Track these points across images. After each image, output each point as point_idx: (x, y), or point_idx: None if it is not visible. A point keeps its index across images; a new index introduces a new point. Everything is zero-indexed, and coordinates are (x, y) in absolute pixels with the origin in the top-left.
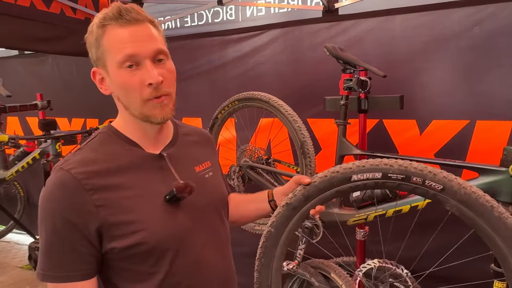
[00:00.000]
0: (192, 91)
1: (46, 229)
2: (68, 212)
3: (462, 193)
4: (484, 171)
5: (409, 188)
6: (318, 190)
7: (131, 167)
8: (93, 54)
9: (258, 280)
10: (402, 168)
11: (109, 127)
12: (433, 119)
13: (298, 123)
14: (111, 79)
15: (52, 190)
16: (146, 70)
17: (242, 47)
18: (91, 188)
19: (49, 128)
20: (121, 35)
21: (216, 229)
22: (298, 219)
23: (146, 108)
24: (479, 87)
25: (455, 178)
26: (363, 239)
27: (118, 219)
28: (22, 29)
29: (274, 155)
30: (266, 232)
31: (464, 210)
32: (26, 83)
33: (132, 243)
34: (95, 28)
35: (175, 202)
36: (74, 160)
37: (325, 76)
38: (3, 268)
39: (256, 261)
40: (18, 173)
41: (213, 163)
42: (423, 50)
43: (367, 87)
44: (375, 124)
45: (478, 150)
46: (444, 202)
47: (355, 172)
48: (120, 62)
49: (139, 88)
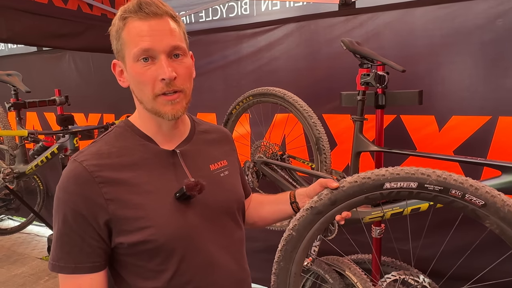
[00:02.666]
0: (207, 86)
1: (59, 219)
2: (78, 203)
3: (506, 210)
4: (507, 169)
5: (446, 201)
6: (347, 196)
7: (144, 163)
8: (114, 46)
9: (276, 284)
10: (440, 179)
11: (126, 122)
12: (452, 114)
13: (314, 119)
14: (127, 71)
15: (65, 181)
16: (160, 65)
17: (257, 42)
18: (101, 181)
19: (67, 123)
20: (139, 28)
21: (229, 230)
22: (322, 224)
23: (157, 104)
24: (502, 82)
25: (498, 194)
26: (379, 236)
27: (127, 214)
28: (40, 26)
29: (288, 151)
30: (287, 235)
31: (506, 228)
32: (44, 79)
33: (139, 240)
34: (117, 20)
35: (185, 200)
36: (88, 152)
37: (341, 71)
38: (23, 259)
39: (274, 264)
40: (38, 167)
41: (230, 162)
42: (443, 44)
43: (385, 82)
44: (392, 119)
45: (500, 147)
46: (483, 218)
47: (389, 179)
48: (136, 55)
49: (151, 82)
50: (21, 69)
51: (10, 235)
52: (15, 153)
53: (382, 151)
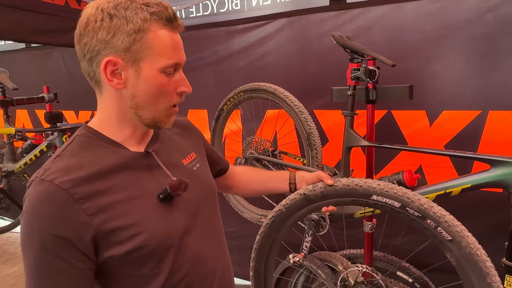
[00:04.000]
0: (198, 82)
1: (35, 249)
2: (58, 226)
3: (467, 251)
4: (496, 162)
5: (421, 227)
6: (337, 194)
7: (119, 169)
8: (120, 41)
9: (259, 242)
10: (421, 208)
11: (87, 129)
12: (443, 109)
13: (305, 115)
14: (142, 78)
15: (36, 205)
16: (182, 78)
17: (248, 38)
18: (80, 196)
19: (55, 121)
20: (173, 40)
21: (211, 221)
22: (309, 210)
23: (164, 114)
24: (492, 76)
25: (467, 235)
26: (370, 231)
27: (114, 225)
28: (28, 22)
29: (280, 146)
30: (277, 209)
31: (462, 264)
32: (33, 76)
33: (132, 248)
34: (139, 19)
35: (169, 200)
36: (56, 169)
37: (332, 66)
38: (15, 258)
39: (262, 227)
40: (27, 165)
41: (199, 153)
42: (434, 38)
43: (376, 77)
44: (383, 115)
45: (490, 141)
46: (446, 250)
47: (377, 193)
48: (166, 66)
49: (170, 94)
50: (9, 66)
51: (1, 235)
52: (3, 151)
53: (373, 146)
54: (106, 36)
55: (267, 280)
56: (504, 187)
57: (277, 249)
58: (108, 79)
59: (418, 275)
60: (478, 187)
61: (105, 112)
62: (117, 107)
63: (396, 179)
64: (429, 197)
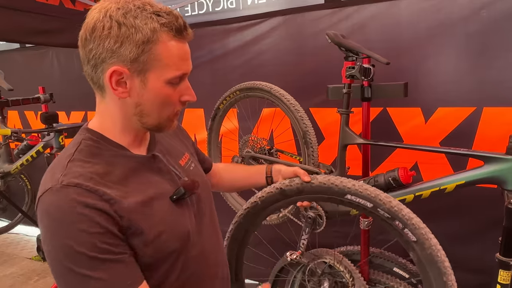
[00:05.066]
0: (194, 81)
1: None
2: (98, 220)
3: (429, 252)
4: (489, 159)
5: (390, 227)
6: (313, 191)
7: (132, 172)
8: (127, 51)
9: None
10: (391, 210)
11: (91, 133)
12: (438, 106)
13: (300, 113)
14: (147, 89)
15: (67, 211)
16: (187, 87)
17: (244, 36)
18: (106, 198)
19: (51, 121)
20: (182, 51)
21: (211, 217)
22: (285, 204)
23: (168, 121)
24: (486, 73)
25: (431, 237)
26: (367, 228)
27: (140, 226)
28: (22, 22)
29: (277, 145)
30: (253, 201)
31: (423, 263)
32: (27, 76)
33: (156, 248)
34: (148, 29)
35: (181, 200)
36: (77, 174)
37: (328, 65)
38: (12, 259)
39: (236, 217)
40: (23, 166)
41: (190, 153)
42: (429, 36)
43: (370, 75)
44: (379, 112)
45: (485, 138)
46: (410, 249)
47: (351, 193)
48: (173, 78)
49: (175, 103)
50: (3, 66)
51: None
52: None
53: (368, 144)
54: (114, 45)
55: (238, 270)
56: (498, 183)
57: (250, 239)
58: (113, 88)
59: (414, 271)
60: (472, 183)
61: (109, 117)
62: (121, 113)
63: (391, 176)
64: (424, 194)
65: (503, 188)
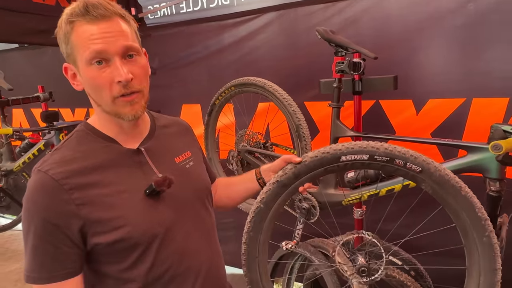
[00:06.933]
0: (190, 77)
1: (29, 231)
2: (49, 214)
3: (437, 175)
4: (471, 149)
5: (392, 170)
6: (308, 169)
7: (110, 164)
8: (63, 49)
9: (246, 252)
10: (387, 151)
11: (85, 125)
12: (429, 98)
13: (293, 107)
14: (81, 75)
15: (32, 193)
16: (115, 67)
17: (238, 32)
18: (70, 187)
19: (51, 120)
20: (89, 32)
21: (200, 216)
22: (287, 195)
23: (116, 106)
24: (474, 64)
25: (432, 161)
26: (360, 218)
27: (100, 216)
28: (19, 23)
29: (273, 138)
30: (255, 207)
31: (437, 189)
32: (27, 75)
33: (116, 239)
34: (63, 23)
35: (155, 195)
36: (52, 161)
37: (321, 59)
38: (16, 256)
39: (245, 234)
40: (25, 164)
41: (194, 153)
42: (418, 29)
43: (361, 69)
44: (372, 105)
45: (474, 128)
46: (420, 182)
47: (344, 153)
48: (88, 59)
49: (108, 85)
50: (2, 66)
51: (3, 233)
52: (1, 151)
53: (358, 136)
54: (60, 47)
55: (265, 287)
56: (480, 171)
57: (267, 251)
58: (72, 83)
59: (407, 258)
60: (456, 172)
61: (94, 110)
62: (93, 104)
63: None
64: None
65: (485, 176)
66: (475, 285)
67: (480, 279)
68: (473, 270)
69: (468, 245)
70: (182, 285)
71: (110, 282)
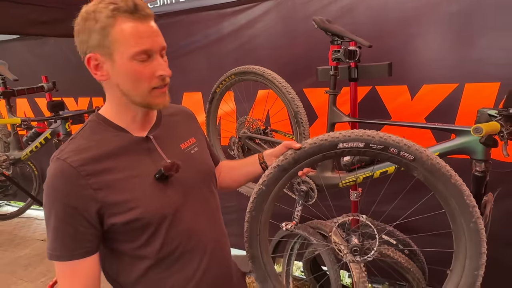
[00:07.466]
0: (191, 66)
1: (51, 215)
2: (69, 198)
3: (429, 163)
4: (459, 132)
5: (386, 157)
6: (307, 155)
7: (122, 151)
8: (94, 40)
9: (248, 229)
10: (382, 139)
11: (98, 116)
12: (423, 83)
13: (292, 94)
14: (117, 68)
15: (53, 179)
16: (159, 63)
17: (237, 21)
18: (87, 174)
19: (57, 109)
20: (138, 30)
21: (206, 199)
22: (287, 179)
23: (151, 97)
24: (468, 50)
25: (424, 150)
26: (356, 200)
27: (115, 199)
28: (21, 14)
29: (273, 124)
30: (257, 189)
31: (428, 176)
32: (30, 65)
33: (130, 219)
34: (103, 17)
35: (164, 179)
36: (69, 150)
37: (319, 47)
38: (26, 241)
39: (247, 213)
40: (32, 152)
41: (198, 139)
42: (414, 16)
43: (356, 57)
44: (368, 91)
45: (466, 112)
46: (413, 169)
47: (341, 141)
48: (135, 54)
49: (149, 78)
50: (5, 56)
51: (10, 220)
52: (9, 140)
53: (354, 122)
54: (84, 37)
55: (266, 263)
56: (467, 153)
57: (267, 229)
58: (93, 73)
59: (401, 237)
60: (445, 154)
61: (108, 101)
62: (113, 96)
63: None
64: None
65: (472, 157)
66: (461, 267)
67: (466, 262)
68: (460, 253)
69: (456, 230)
70: (190, 261)
71: (126, 260)
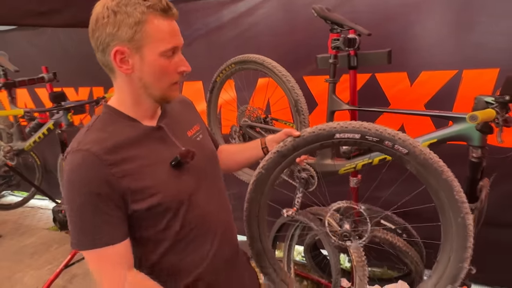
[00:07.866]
0: (191, 54)
1: (74, 203)
2: (93, 185)
3: (422, 158)
4: (456, 119)
5: (381, 149)
6: (306, 143)
7: (136, 140)
8: (124, 33)
9: (248, 209)
10: (377, 132)
11: (108, 108)
12: (422, 70)
13: (292, 83)
14: (145, 63)
15: (76, 169)
16: (182, 59)
17: (237, 8)
18: (109, 163)
19: (59, 100)
20: (170, 27)
21: (215, 182)
22: (286, 164)
23: (170, 90)
24: (466, 37)
25: (418, 145)
26: (356, 186)
27: (138, 186)
28: (18, 5)
29: (274, 113)
30: (257, 172)
31: (421, 170)
32: (28, 55)
33: (152, 204)
34: (138, 12)
35: (179, 166)
36: (89, 140)
37: (319, 35)
38: (31, 230)
39: (247, 194)
40: (36, 143)
41: (201, 126)
42: (413, 2)
43: (356, 45)
44: (368, 78)
45: (465, 99)
46: (406, 163)
47: (338, 131)
48: (166, 50)
49: (172, 73)
50: (3, 47)
51: (15, 210)
52: (12, 131)
53: (353, 109)
54: (113, 30)
55: (264, 246)
56: (464, 140)
57: (267, 211)
58: (118, 66)
59: (399, 222)
60: (443, 141)
61: (121, 93)
62: (130, 88)
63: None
64: None
65: (468, 144)
66: (447, 259)
67: (451, 254)
68: (446, 245)
69: (445, 223)
70: (204, 243)
71: (149, 245)
